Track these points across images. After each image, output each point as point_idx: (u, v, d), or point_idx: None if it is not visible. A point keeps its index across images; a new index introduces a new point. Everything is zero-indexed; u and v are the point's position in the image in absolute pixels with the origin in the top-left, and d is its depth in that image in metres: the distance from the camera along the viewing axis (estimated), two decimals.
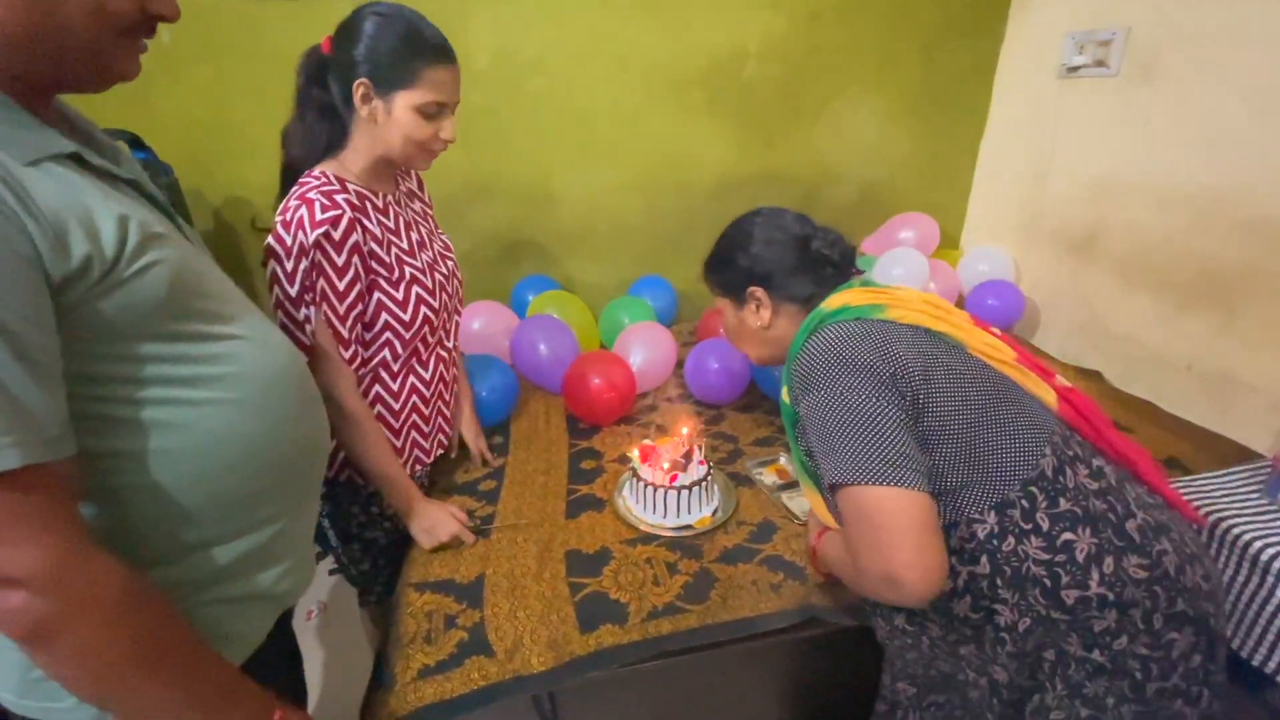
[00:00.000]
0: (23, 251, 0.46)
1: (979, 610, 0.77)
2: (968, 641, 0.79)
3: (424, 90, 0.95)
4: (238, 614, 0.67)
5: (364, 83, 0.94)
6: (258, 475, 0.65)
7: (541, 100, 1.85)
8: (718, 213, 2.06)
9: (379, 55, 0.93)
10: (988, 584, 0.75)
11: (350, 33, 0.95)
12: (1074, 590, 0.72)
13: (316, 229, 0.93)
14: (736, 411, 1.59)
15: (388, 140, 0.98)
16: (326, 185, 0.96)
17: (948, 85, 2.05)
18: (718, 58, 1.89)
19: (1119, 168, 1.70)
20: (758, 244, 0.98)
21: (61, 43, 0.50)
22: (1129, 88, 1.65)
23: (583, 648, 0.97)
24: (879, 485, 0.69)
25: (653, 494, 1.16)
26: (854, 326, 0.81)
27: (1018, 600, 0.74)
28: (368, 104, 0.95)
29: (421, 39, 0.95)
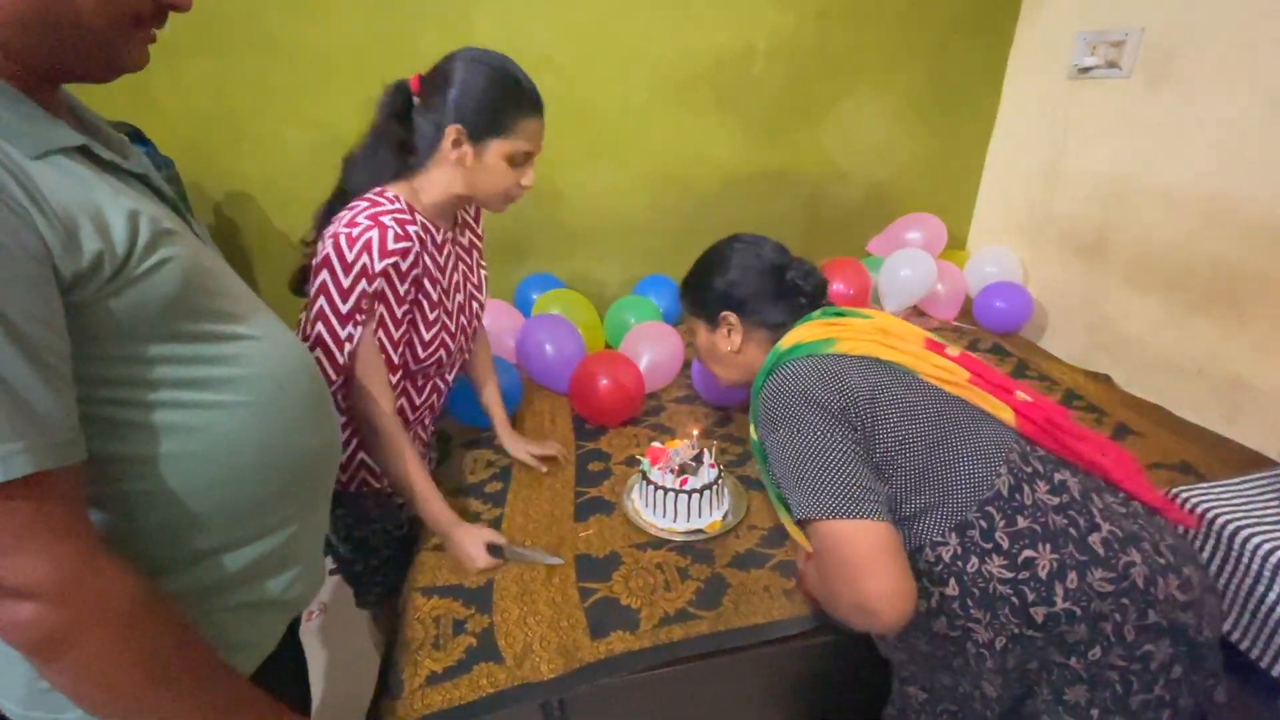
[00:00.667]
0: (33, 249, 0.44)
1: (956, 629, 0.78)
2: (954, 657, 0.80)
3: (518, 140, 0.97)
4: (249, 621, 0.65)
5: (458, 129, 0.94)
6: (270, 479, 0.63)
7: (547, 97, 1.79)
8: (724, 211, 2.07)
9: (475, 103, 0.94)
10: (959, 604, 0.77)
11: (445, 77, 0.95)
12: (1041, 607, 0.73)
13: (387, 258, 0.92)
14: (744, 413, 1.58)
15: (473, 184, 0.99)
16: (400, 213, 0.95)
17: (957, 85, 2.03)
18: (725, 56, 1.87)
19: (1130, 170, 1.69)
20: (734, 270, 1.01)
21: (72, 31, 0.49)
22: (1141, 89, 1.64)
23: (593, 654, 0.96)
24: (841, 519, 0.71)
25: (663, 497, 1.14)
26: (806, 364, 0.83)
27: (990, 619, 0.76)
28: (458, 149, 0.95)
29: (519, 90, 0.97)
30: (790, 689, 1.09)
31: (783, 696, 1.10)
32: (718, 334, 1.03)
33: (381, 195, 0.96)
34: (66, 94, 0.58)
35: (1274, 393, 1.42)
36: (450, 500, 1.25)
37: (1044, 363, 1.77)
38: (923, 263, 1.95)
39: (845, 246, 2.16)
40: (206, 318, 0.58)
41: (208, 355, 0.57)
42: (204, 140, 1.70)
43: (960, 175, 2.19)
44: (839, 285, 1.94)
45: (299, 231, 1.07)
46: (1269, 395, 1.43)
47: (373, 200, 0.95)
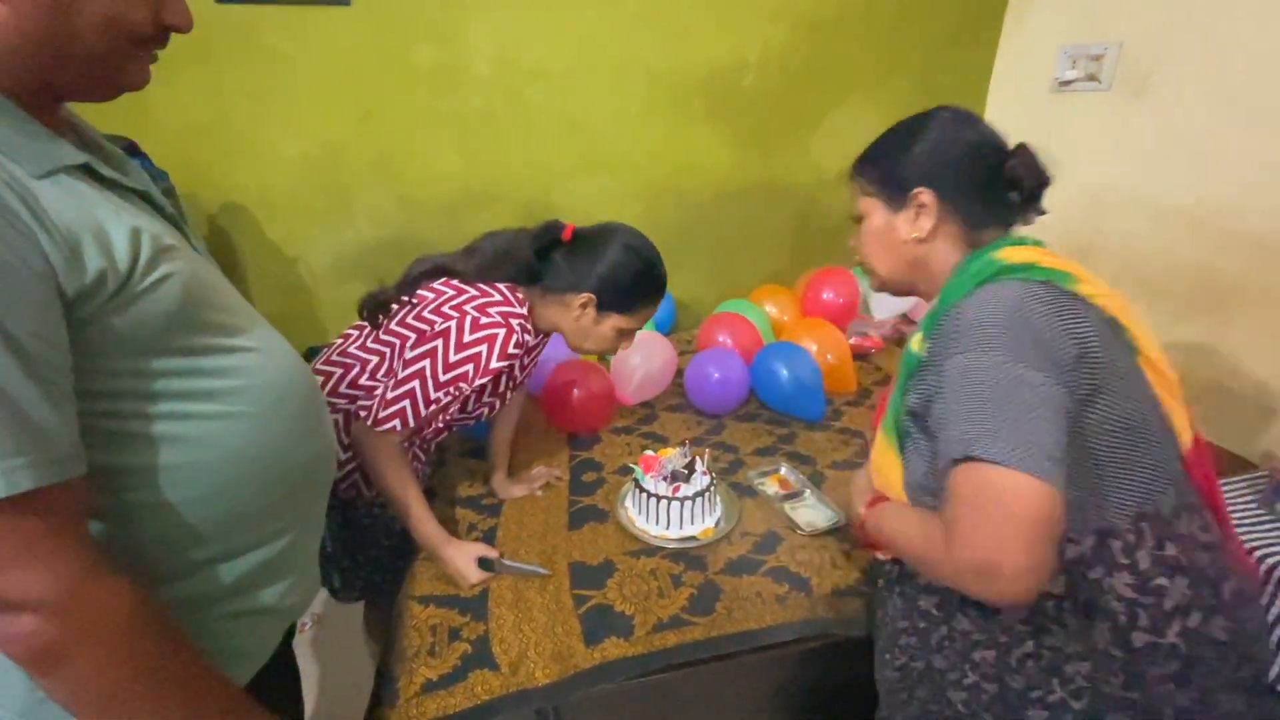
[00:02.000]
0: (37, 267, 0.45)
1: (1030, 624, 0.70)
2: (992, 647, 0.73)
3: (635, 321, 1.08)
4: (246, 630, 0.66)
5: (590, 298, 1.05)
6: (268, 489, 0.64)
7: (541, 108, 1.85)
8: (717, 221, 2.10)
9: (613, 282, 1.04)
10: (1054, 605, 0.69)
11: (599, 247, 1.06)
12: (1147, 635, 0.66)
13: (503, 360, 0.99)
14: (736, 421, 1.59)
15: (579, 336, 1.10)
16: (525, 322, 1.02)
17: (943, 97, 2.03)
18: (717, 68, 1.90)
19: (1112, 180, 1.73)
20: (943, 141, 0.82)
21: (74, 52, 0.50)
22: (1121, 102, 1.68)
23: (587, 660, 0.96)
24: (1020, 471, 0.60)
25: (656, 505, 1.15)
26: (1041, 290, 0.69)
27: (1079, 628, 0.69)
28: (584, 309, 1.06)
29: (654, 281, 1.07)
30: (783, 694, 1.10)
31: (776, 702, 1.11)
32: (901, 216, 0.84)
33: (514, 294, 1.03)
34: (67, 111, 0.59)
35: (1253, 397, 1.46)
36: (446, 511, 1.26)
37: None
38: None
39: (836, 255, 2.18)
40: (206, 331, 0.59)
41: (207, 368, 0.58)
42: (199, 153, 1.71)
43: None
44: (829, 294, 1.96)
45: (293, 243, 1.10)
46: (1248, 400, 1.46)
47: (507, 298, 1.02)
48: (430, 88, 1.76)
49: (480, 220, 1.94)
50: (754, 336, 1.76)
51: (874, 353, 1.94)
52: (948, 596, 0.77)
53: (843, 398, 1.68)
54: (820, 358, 1.63)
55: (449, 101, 1.77)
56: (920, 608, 0.80)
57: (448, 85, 1.76)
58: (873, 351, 1.94)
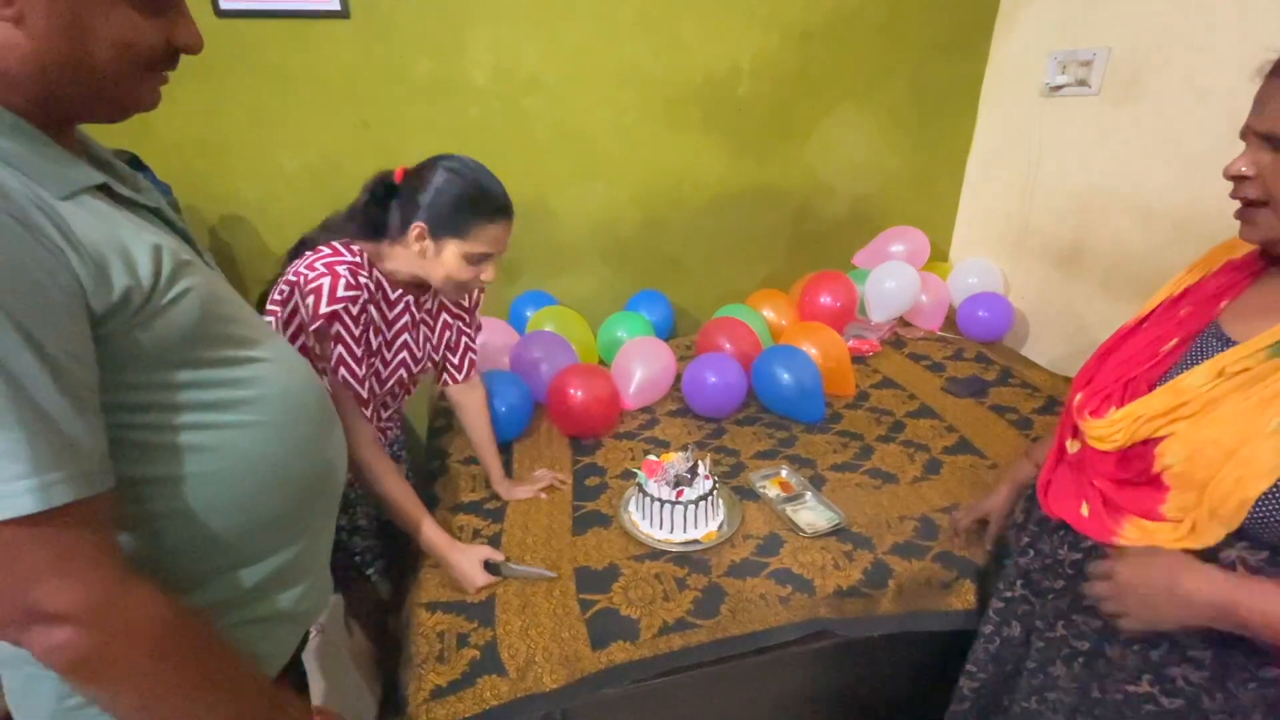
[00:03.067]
0: (68, 286, 0.47)
1: None
2: (1203, 668, 0.68)
3: (475, 244, 1.04)
4: (264, 635, 0.67)
5: (421, 226, 1.02)
6: (285, 496, 0.65)
7: (538, 117, 1.86)
8: (713, 227, 2.12)
9: (441, 206, 1.01)
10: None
11: (423, 178, 1.03)
12: None
13: (335, 303, 0.98)
14: (737, 425, 1.61)
15: (429, 273, 1.06)
16: (356, 264, 1.02)
17: (935, 103, 2.10)
18: (712, 76, 1.92)
19: (1102, 183, 1.75)
20: None
21: (89, 75, 0.51)
22: (1110, 106, 1.70)
23: (595, 664, 0.97)
24: None
25: (659, 509, 1.16)
26: None
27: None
28: (420, 242, 1.03)
29: (485, 199, 1.04)
30: (788, 695, 1.11)
31: (781, 702, 1.12)
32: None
33: (346, 247, 1.03)
34: (79, 132, 0.61)
35: None
36: (450, 516, 1.27)
37: (1026, 370, 1.82)
38: (907, 275, 2.00)
39: (831, 260, 2.21)
40: (223, 343, 0.60)
41: (225, 379, 0.60)
42: (199, 165, 1.72)
43: (941, 190, 2.26)
44: (826, 298, 1.98)
45: None
46: None
47: (335, 249, 1.02)
48: (429, 99, 1.77)
49: None
50: (752, 341, 1.78)
51: (871, 355, 1.96)
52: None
53: (842, 400, 1.70)
54: (819, 361, 1.65)
55: (447, 112, 1.79)
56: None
57: (446, 96, 1.77)
58: (870, 354, 1.96)
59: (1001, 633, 0.93)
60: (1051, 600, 0.83)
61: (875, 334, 2.03)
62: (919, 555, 1.14)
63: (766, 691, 1.10)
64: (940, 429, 1.55)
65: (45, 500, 0.45)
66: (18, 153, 0.49)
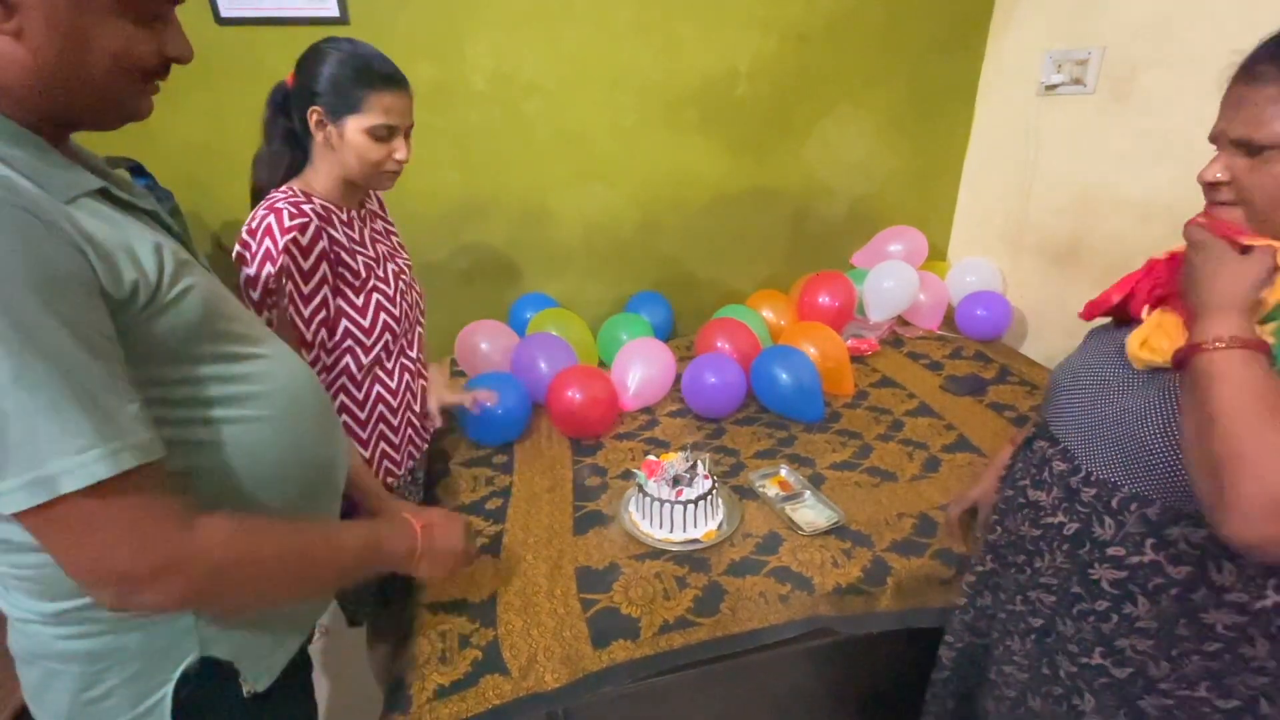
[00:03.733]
0: (89, 279, 0.49)
1: (1232, 633, 0.65)
2: (1150, 637, 0.69)
3: (371, 115, 1.01)
4: (267, 631, 0.68)
5: (316, 110, 1.01)
6: (287, 490, 0.67)
7: (537, 121, 1.88)
8: (712, 228, 2.13)
9: (330, 84, 1.00)
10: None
11: (307, 65, 1.02)
12: None
13: (285, 235, 0.98)
14: (736, 425, 1.62)
15: (344, 162, 1.04)
16: (293, 197, 1.02)
17: (932, 102, 2.11)
18: (710, 78, 1.93)
19: (1099, 180, 1.76)
20: None
21: (85, 86, 0.53)
22: (1106, 105, 1.71)
23: (596, 663, 0.98)
24: None
25: (659, 509, 1.17)
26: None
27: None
28: (322, 130, 1.02)
29: (369, 68, 1.02)
30: (788, 692, 1.12)
31: (781, 700, 1.13)
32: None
33: (276, 191, 1.04)
34: (73, 141, 0.62)
35: None
36: None
37: (1025, 368, 1.83)
38: (905, 274, 2.01)
39: (830, 260, 2.22)
40: (225, 340, 0.61)
41: (228, 374, 0.61)
42: (201, 172, 1.73)
43: (939, 189, 2.27)
44: (825, 298, 1.99)
45: None
46: None
47: (269, 197, 1.02)
48: (429, 103, 1.77)
49: (479, 231, 1.97)
50: (751, 341, 1.79)
51: (870, 355, 1.96)
52: (1134, 575, 0.69)
53: (841, 400, 1.71)
54: (818, 361, 1.66)
55: (447, 116, 1.80)
56: (1097, 582, 0.72)
57: (446, 101, 1.79)
58: (869, 353, 1.96)
59: (975, 603, 0.94)
60: (1013, 574, 0.85)
61: (874, 333, 2.04)
62: (918, 552, 1.15)
63: (766, 688, 1.11)
64: (939, 427, 1.56)
65: (115, 465, 0.47)
66: (22, 159, 0.50)
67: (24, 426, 0.45)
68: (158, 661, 0.61)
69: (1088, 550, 0.73)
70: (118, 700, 0.60)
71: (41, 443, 0.45)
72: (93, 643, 0.59)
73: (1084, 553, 0.73)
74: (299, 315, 1.02)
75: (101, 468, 0.47)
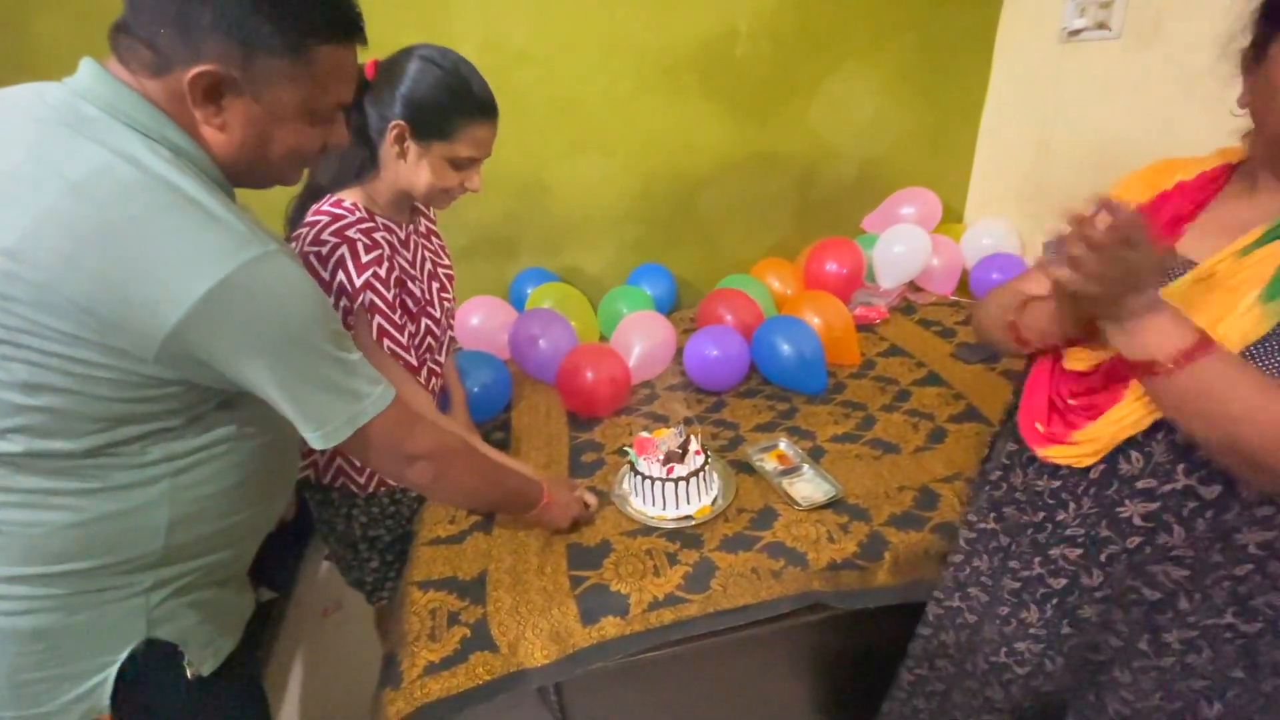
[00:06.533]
0: None
1: (1263, 551, 0.64)
2: (1184, 566, 0.69)
3: (462, 146, 0.96)
4: (211, 616, 0.73)
5: (401, 125, 0.93)
6: (279, 488, 0.78)
7: (530, 91, 1.83)
8: (715, 196, 2.06)
9: (422, 102, 0.92)
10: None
11: (396, 70, 0.93)
12: None
13: (364, 271, 0.93)
14: (737, 398, 1.58)
15: (412, 179, 0.98)
16: (364, 222, 0.96)
17: (945, 55, 2.00)
18: (707, 39, 1.85)
19: (1124, 131, 1.66)
20: None
21: (265, 167, 0.68)
22: (1132, 51, 1.60)
23: (585, 640, 0.98)
24: None
25: (651, 486, 1.16)
26: None
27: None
28: (400, 144, 0.95)
29: (470, 95, 0.94)
30: (780, 668, 1.11)
31: (772, 675, 1.12)
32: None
33: (339, 206, 0.96)
34: None
35: None
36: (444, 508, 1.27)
37: None
38: (917, 238, 1.93)
39: (839, 225, 2.15)
40: None
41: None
42: None
43: (953, 147, 2.16)
44: (832, 265, 1.93)
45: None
46: None
47: (333, 214, 0.95)
48: None
49: (473, 206, 1.93)
50: (755, 311, 1.74)
51: (879, 323, 1.90)
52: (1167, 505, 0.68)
53: (846, 370, 1.66)
54: (822, 330, 1.61)
55: None
56: (1123, 519, 0.71)
57: None
58: (878, 321, 1.91)
59: (971, 562, 0.91)
60: (1029, 535, 0.81)
61: (884, 300, 1.98)
62: (917, 526, 1.12)
63: (759, 664, 1.10)
64: (947, 397, 1.51)
65: (392, 390, 0.75)
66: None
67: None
68: (104, 643, 0.64)
69: (1115, 489, 0.71)
70: (53, 684, 0.63)
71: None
72: (37, 619, 0.61)
73: (1111, 492, 0.72)
74: (398, 346, 1.00)
75: (392, 392, 0.75)
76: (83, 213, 0.54)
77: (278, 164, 0.68)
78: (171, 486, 0.65)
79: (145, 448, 0.63)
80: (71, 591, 0.61)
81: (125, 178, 0.56)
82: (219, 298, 0.57)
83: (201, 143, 0.63)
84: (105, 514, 0.62)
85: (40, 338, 0.55)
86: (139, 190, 0.56)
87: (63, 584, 0.61)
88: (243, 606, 0.81)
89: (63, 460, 0.59)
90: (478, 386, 1.46)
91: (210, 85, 0.60)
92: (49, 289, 0.53)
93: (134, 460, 0.62)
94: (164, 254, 0.56)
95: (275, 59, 0.61)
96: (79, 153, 0.56)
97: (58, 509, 0.60)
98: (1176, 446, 0.66)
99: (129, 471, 0.62)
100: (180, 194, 0.58)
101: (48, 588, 0.60)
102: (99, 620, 0.63)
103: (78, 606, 0.61)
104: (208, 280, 0.56)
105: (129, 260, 0.55)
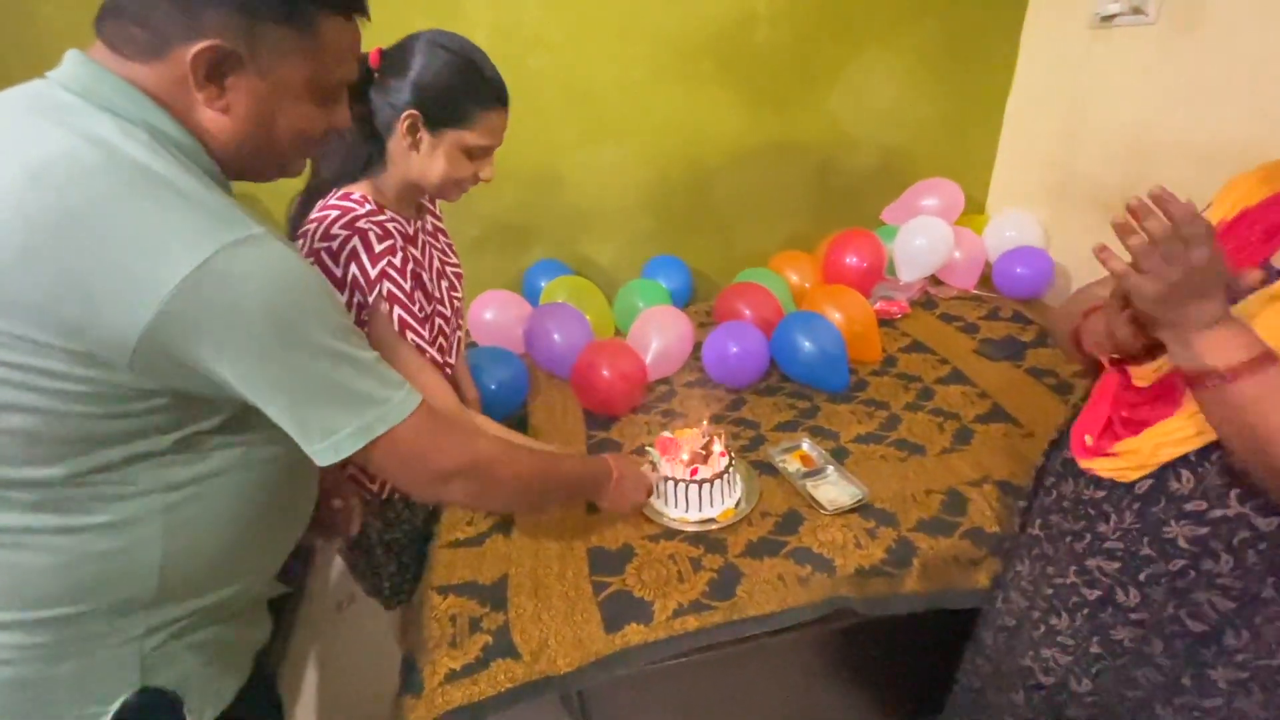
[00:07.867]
0: None
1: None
2: (1232, 598, 0.66)
3: (477, 134, 0.92)
4: (213, 659, 0.68)
5: (413, 114, 0.89)
6: (292, 520, 0.72)
7: (543, 78, 1.78)
8: (732, 186, 2.02)
9: (433, 89, 0.88)
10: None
11: (404, 58, 0.89)
12: None
13: (379, 261, 0.90)
14: (757, 395, 1.56)
15: (423, 171, 0.94)
16: (375, 214, 0.92)
17: (971, 41, 1.94)
18: (725, 24, 1.80)
19: (1158, 124, 1.60)
20: None
21: (269, 152, 0.64)
22: (1169, 37, 1.54)
23: (608, 647, 0.96)
24: None
25: (673, 488, 1.13)
26: None
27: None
28: (412, 134, 0.90)
29: (482, 79, 0.91)
30: (805, 676, 1.09)
31: (798, 684, 1.10)
32: None
33: (348, 199, 0.93)
34: None
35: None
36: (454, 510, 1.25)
37: None
38: (938, 230, 1.88)
39: (859, 216, 2.10)
40: None
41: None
42: None
43: (977, 137, 2.11)
44: (852, 258, 1.89)
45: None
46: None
47: (342, 207, 0.91)
48: None
49: (484, 197, 1.89)
50: (774, 306, 1.71)
51: (900, 318, 1.87)
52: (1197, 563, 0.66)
53: (867, 367, 1.63)
54: (843, 326, 1.58)
55: None
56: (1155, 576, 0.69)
57: None
58: (898, 316, 1.87)
59: (1014, 566, 0.91)
60: (1068, 544, 0.79)
61: (904, 294, 1.94)
62: (946, 532, 1.09)
63: (783, 672, 1.09)
64: (972, 395, 1.47)
65: (415, 397, 0.67)
66: None
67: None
68: (92, 693, 0.58)
69: (1162, 507, 0.68)
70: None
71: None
72: (16, 670, 0.56)
73: (1157, 510, 0.68)
74: (421, 338, 0.96)
75: (415, 396, 0.67)
76: (41, 200, 0.48)
77: (282, 148, 0.63)
78: (165, 520, 0.58)
79: (132, 474, 0.55)
80: (55, 639, 0.55)
81: (89, 161, 0.50)
82: (196, 286, 0.50)
83: (197, 130, 0.57)
84: (90, 553, 0.55)
85: (1, 347, 0.49)
86: (102, 173, 0.50)
87: (44, 631, 0.55)
88: (253, 638, 0.74)
89: (39, 490, 0.53)
90: (494, 383, 1.44)
91: (214, 63, 0.55)
92: (3, 288, 0.48)
93: (120, 489, 0.55)
94: (131, 240, 0.49)
95: (280, 29, 0.57)
96: (42, 138, 0.51)
97: (35, 549, 0.54)
98: (1231, 471, 0.63)
99: (115, 503, 0.56)
100: (151, 174, 0.51)
101: (29, 635, 0.55)
102: (86, 669, 0.57)
103: (62, 655, 0.56)
104: (183, 267, 0.49)
105: (90, 249, 0.48)
